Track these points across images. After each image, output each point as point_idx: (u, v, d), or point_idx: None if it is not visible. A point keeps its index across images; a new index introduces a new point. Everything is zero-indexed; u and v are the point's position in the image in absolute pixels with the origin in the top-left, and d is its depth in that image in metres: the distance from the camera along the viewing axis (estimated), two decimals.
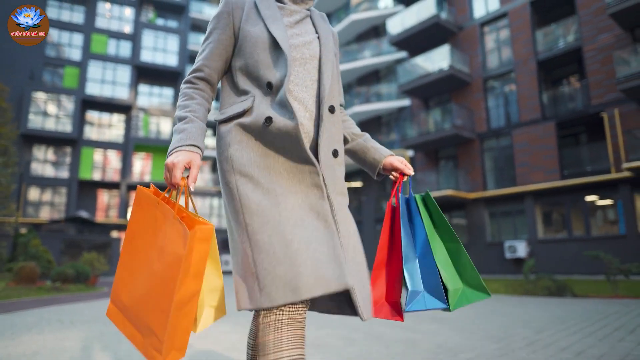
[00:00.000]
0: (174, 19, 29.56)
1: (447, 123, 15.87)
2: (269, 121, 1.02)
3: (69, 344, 3.20)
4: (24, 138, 23.52)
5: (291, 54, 1.09)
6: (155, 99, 27.81)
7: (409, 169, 1.24)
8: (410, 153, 18.52)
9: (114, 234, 24.78)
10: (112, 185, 25.49)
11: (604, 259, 6.23)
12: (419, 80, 16.83)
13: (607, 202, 13.03)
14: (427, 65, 16.82)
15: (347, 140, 1.29)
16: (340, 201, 1.08)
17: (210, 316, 1.09)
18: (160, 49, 27.52)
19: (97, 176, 25.25)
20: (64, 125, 24.72)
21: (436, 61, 16.44)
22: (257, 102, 1.06)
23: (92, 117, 26.21)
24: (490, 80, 16.19)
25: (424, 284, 1.07)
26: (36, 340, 3.39)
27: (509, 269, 14.27)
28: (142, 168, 26.69)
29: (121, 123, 26.68)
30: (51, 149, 24.75)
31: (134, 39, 27.17)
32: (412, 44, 17.91)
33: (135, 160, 26.48)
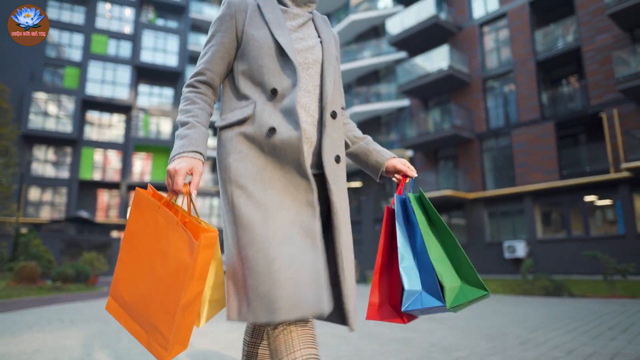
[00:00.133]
0: (174, 19, 29.59)
1: (447, 123, 15.88)
2: (272, 132, 1.01)
3: (69, 342, 3.24)
4: (24, 138, 23.56)
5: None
6: (155, 99, 27.84)
7: (412, 171, 1.24)
8: (409, 153, 18.54)
9: (114, 234, 24.82)
10: (112, 185, 25.54)
11: (601, 259, 6.25)
12: (418, 80, 16.86)
13: (606, 202, 13.05)
14: (427, 66, 16.83)
15: (348, 144, 1.29)
16: (344, 207, 1.08)
17: (213, 310, 1.11)
18: (160, 50, 27.56)
19: (97, 176, 25.30)
20: (64, 125, 24.77)
21: (435, 61, 16.46)
22: (259, 109, 1.05)
23: (92, 117, 26.25)
24: (489, 81, 16.21)
25: (422, 283, 1.06)
26: (37, 339, 3.43)
27: (508, 269, 14.28)
28: (142, 168, 26.73)
29: (121, 123, 26.72)
30: (51, 149, 24.79)
31: (134, 39, 27.21)
32: (412, 44, 17.93)
33: (135, 161, 26.52)
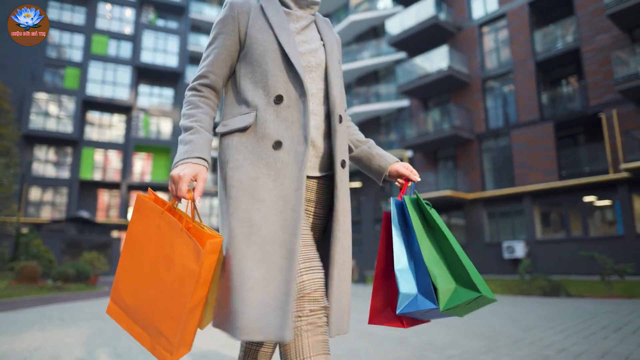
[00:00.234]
0: (174, 19, 29.64)
1: (446, 123, 15.91)
2: (278, 145, 1.00)
3: (70, 340, 3.28)
4: (25, 138, 23.62)
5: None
6: (156, 99, 27.89)
7: (415, 175, 1.23)
8: (409, 153, 18.57)
9: (114, 233, 24.87)
10: (112, 186, 25.59)
11: (599, 259, 6.28)
12: (418, 80, 16.88)
13: (605, 202, 13.07)
14: (426, 66, 16.86)
15: (351, 148, 1.28)
16: (346, 214, 1.08)
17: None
18: (161, 50, 27.61)
19: (97, 176, 25.35)
20: (65, 125, 24.83)
21: (435, 62, 16.49)
22: (261, 117, 1.03)
23: (92, 118, 26.31)
24: (489, 81, 16.24)
25: (417, 286, 1.05)
26: (38, 337, 3.47)
27: (507, 269, 14.31)
28: (143, 168, 26.79)
29: (121, 123, 26.77)
30: (52, 149, 24.85)
31: (135, 39, 27.26)
32: (411, 44, 17.96)
33: (136, 161, 26.58)
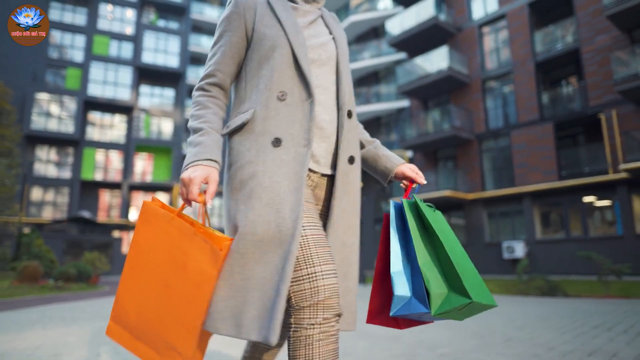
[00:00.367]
0: (175, 20, 29.71)
1: (446, 124, 15.94)
2: (277, 143, 0.98)
3: (71, 339, 3.33)
4: (27, 139, 23.70)
5: (308, 55, 1.05)
6: (157, 99, 27.97)
7: (421, 178, 1.22)
8: (409, 154, 18.60)
9: (115, 233, 24.94)
10: (113, 186, 25.66)
11: (596, 259, 6.31)
12: (418, 81, 16.92)
13: (605, 202, 13.09)
14: (426, 66, 16.90)
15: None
16: (345, 208, 1.06)
17: None
18: (162, 50, 27.67)
19: (99, 176, 25.43)
20: (66, 125, 24.90)
21: (435, 62, 16.52)
22: (261, 112, 1.00)
23: (94, 118, 26.39)
24: (488, 81, 16.27)
25: (412, 289, 1.04)
26: (39, 336, 3.52)
27: (507, 269, 14.34)
28: (144, 168, 26.87)
29: (123, 124, 26.84)
30: (54, 149, 24.93)
31: (136, 40, 27.33)
32: (412, 45, 17.99)
33: (137, 161, 26.65)
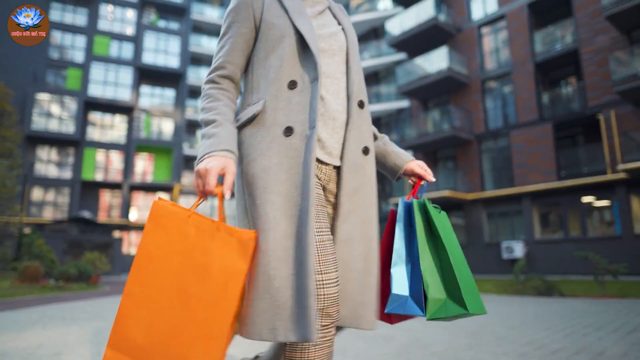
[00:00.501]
0: (175, 20, 29.76)
1: (446, 124, 15.98)
2: (289, 132, 0.96)
3: (71, 338, 3.37)
4: (27, 139, 23.76)
5: (319, 45, 1.04)
6: (157, 100, 28.02)
7: (430, 175, 1.22)
8: (409, 154, 18.65)
9: (116, 234, 25.00)
10: (114, 186, 25.72)
11: (592, 259, 6.35)
12: (418, 81, 16.96)
13: (604, 203, 13.13)
14: (426, 67, 16.94)
15: None
16: (363, 202, 1.03)
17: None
18: (162, 51, 27.73)
19: (99, 177, 25.49)
20: (67, 126, 24.96)
21: (435, 62, 16.56)
22: (271, 103, 0.99)
23: (94, 118, 26.45)
24: (488, 82, 16.30)
25: (410, 289, 1.05)
26: (40, 335, 3.56)
27: (506, 269, 14.37)
28: (144, 168, 26.92)
29: (123, 124, 26.90)
30: (54, 149, 24.99)
31: (136, 40, 27.38)
32: (411, 45, 18.03)
33: (137, 161, 26.71)
